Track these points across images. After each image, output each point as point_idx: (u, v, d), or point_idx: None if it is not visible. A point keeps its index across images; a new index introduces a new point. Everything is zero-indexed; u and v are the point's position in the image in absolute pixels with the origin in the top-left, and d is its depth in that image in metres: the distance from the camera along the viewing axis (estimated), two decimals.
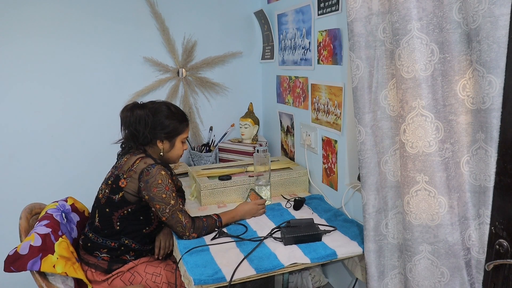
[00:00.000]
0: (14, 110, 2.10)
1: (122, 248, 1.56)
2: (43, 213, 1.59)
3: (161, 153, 1.60)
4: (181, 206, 1.52)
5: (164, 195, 1.48)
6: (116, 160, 1.65)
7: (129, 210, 1.52)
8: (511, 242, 1.02)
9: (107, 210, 1.53)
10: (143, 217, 1.55)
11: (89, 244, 1.57)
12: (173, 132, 1.59)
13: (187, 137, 1.66)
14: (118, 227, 1.53)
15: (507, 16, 0.92)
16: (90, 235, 1.57)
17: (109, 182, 1.55)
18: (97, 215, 1.57)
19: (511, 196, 1.01)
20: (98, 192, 1.61)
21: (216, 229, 1.56)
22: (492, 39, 0.94)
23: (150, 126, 1.55)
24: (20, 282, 1.83)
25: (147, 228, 1.58)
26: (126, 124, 1.56)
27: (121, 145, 1.65)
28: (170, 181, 1.51)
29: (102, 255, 1.55)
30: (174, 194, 1.50)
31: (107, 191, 1.55)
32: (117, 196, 1.51)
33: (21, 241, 1.48)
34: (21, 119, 2.13)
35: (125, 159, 1.55)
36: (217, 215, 1.60)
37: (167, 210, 1.48)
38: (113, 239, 1.55)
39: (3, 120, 2.10)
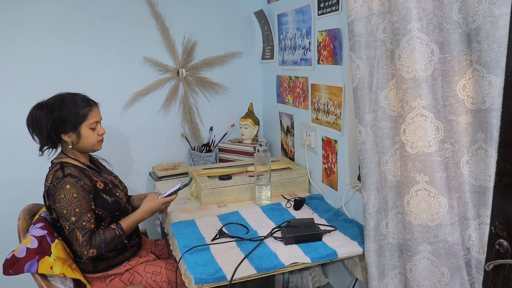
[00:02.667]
0: (14, 110, 2.10)
1: None
2: (37, 216, 1.60)
3: (70, 146, 1.52)
4: (83, 224, 1.42)
5: (65, 211, 1.41)
6: None
7: None
8: (511, 242, 1.02)
9: (59, 224, 1.50)
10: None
11: (69, 252, 1.55)
12: (73, 121, 1.49)
13: (98, 121, 1.56)
14: None
15: (507, 16, 0.92)
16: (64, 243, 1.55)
17: (44, 202, 1.53)
18: (56, 231, 1.55)
19: (511, 196, 1.01)
20: None
21: (122, 239, 1.51)
22: (492, 39, 0.94)
23: (51, 123, 1.47)
24: (21, 282, 1.83)
25: (102, 226, 1.54)
26: (30, 128, 1.49)
27: (39, 150, 1.56)
28: (75, 195, 1.42)
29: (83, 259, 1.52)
30: (77, 210, 1.41)
31: (47, 211, 1.53)
32: (54, 214, 1.49)
33: (20, 242, 1.48)
34: (21, 119, 2.11)
35: (46, 175, 1.51)
36: (116, 223, 1.53)
37: (67, 227, 1.42)
38: None
39: (3, 120, 2.10)
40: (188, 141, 2.46)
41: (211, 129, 2.50)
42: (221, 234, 1.53)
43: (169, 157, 2.48)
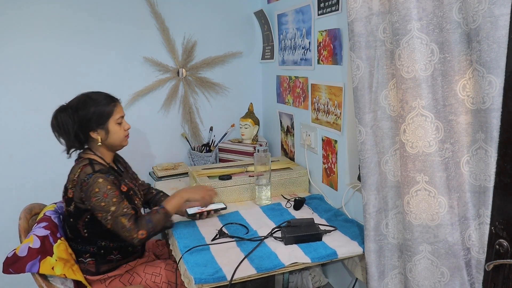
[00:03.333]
0: (14, 110, 2.10)
1: (102, 250, 1.53)
2: (41, 215, 1.59)
3: (99, 143, 1.54)
4: (124, 210, 1.44)
5: (103, 204, 1.42)
6: None
7: (89, 216, 1.49)
8: (511, 242, 1.02)
9: (71, 220, 1.51)
10: None
11: (71, 253, 1.55)
12: (100, 118, 1.52)
13: (122, 116, 1.59)
14: (86, 234, 1.51)
15: (507, 16, 0.92)
16: (70, 243, 1.56)
17: (63, 194, 1.53)
18: (66, 227, 1.57)
19: (511, 196, 1.01)
20: None
21: (168, 217, 1.52)
22: (492, 39, 0.94)
23: (77, 122, 1.49)
24: (21, 282, 1.84)
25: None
26: (56, 131, 1.51)
27: (67, 153, 1.58)
28: (109, 187, 1.44)
29: (87, 260, 1.54)
30: (115, 200, 1.43)
31: (64, 203, 1.54)
32: (71, 206, 1.49)
33: (20, 242, 1.48)
34: (21, 119, 2.13)
35: (71, 168, 1.53)
36: (159, 205, 1.56)
37: (109, 217, 1.43)
38: (90, 244, 1.52)
39: (3, 120, 2.10)
40: (188, 141, 2.46)
41: (211, 129, 2.50)
42: (221, 234, 1.53)
43: (169, 157, 2.48)
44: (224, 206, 1.76)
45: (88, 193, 1.43)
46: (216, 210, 1.73)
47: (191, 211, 1.68)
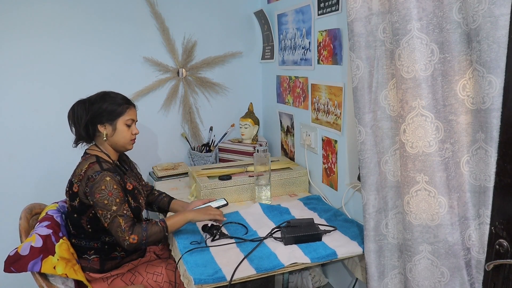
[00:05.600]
0: (14, 110, 2.10)
1: (106, 246, 1.54)
2: (43, 214, 1.59)
3: (105, 138, 1.56)
4: (124, 212, 1.45)
5: (106, 201, 1.43)
6: None
7: (93, 211, 1.49)
8: (511, 242, 1.02)
9: (75, 216, 1.52)
10: None
11: (75, 249, 1.56)
12: (111, 114, 1.56)
13: (134, 121, 1.62)
14: (90, 229, 1.51)
15: (507, 16, 0.92)
16: (74, 240, 1.56)
17: (67, 189, 1.54)
18: (69, 223, 1.57)
19: (511, 196, 1.01)
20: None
21: (163, 233, 1.47)
22: (492, 39, 0.94)
23: (90, 115, 1.54)
24: (20, 282, 1.83)
25: None
26: (71, 120, 1.56)
27: (74, 143, 1.61)
28: (115, 186, 1.46)
29: (91, 257, 1.54)
30: (118, 200, 1.45)
31: (68, 198, 1.54)
32: (75, 202, 1.50)
33: (21, 241, 1.48)
34: (21, 118, 2.13)
35: (78, 164, 1.54)
36: (161, 220, 1.52)
37: (108, 216, 1.43)
38: (94, 240, 1.53)
39: (3, 120, 2.10)
40: (188, 141, 2.46)
41: (211, 129, 2.50)
42: (220, 234, 1.52)
43: (169, 157, 2.48)
44: (226, 203, 1.74)
45: (93, 189, 1.44)
46: (218, 208, 1.72)
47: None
